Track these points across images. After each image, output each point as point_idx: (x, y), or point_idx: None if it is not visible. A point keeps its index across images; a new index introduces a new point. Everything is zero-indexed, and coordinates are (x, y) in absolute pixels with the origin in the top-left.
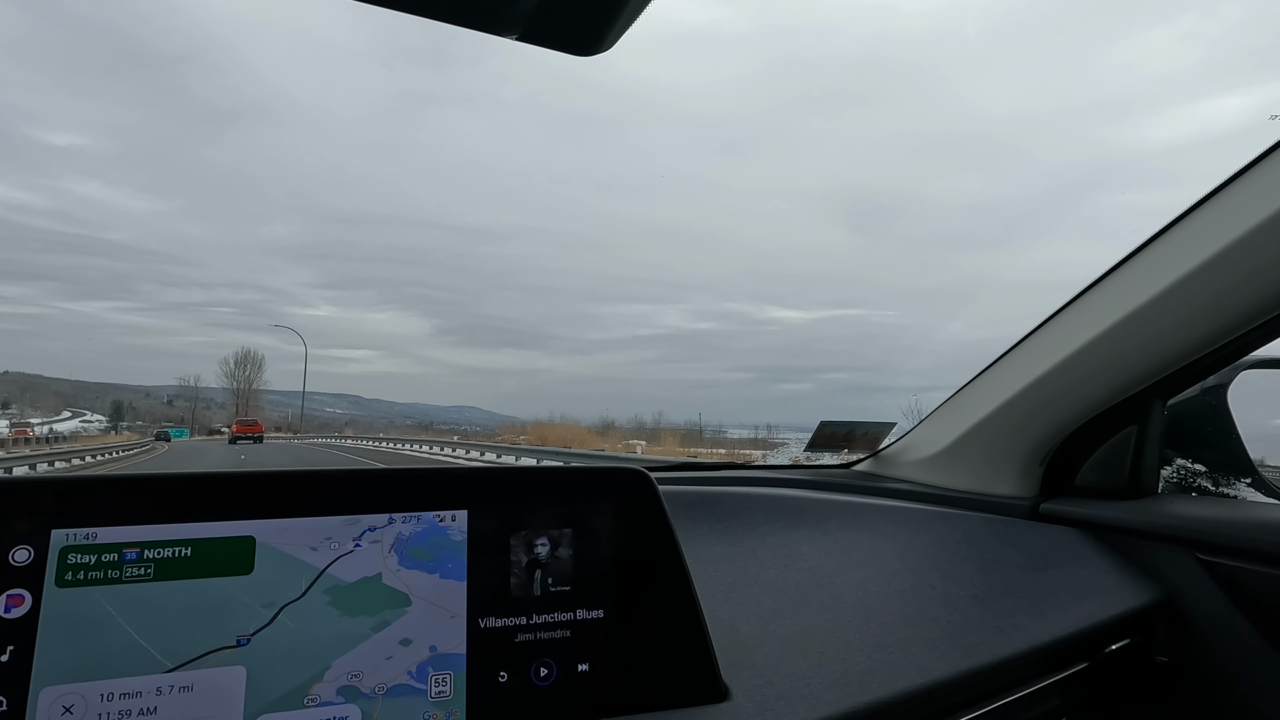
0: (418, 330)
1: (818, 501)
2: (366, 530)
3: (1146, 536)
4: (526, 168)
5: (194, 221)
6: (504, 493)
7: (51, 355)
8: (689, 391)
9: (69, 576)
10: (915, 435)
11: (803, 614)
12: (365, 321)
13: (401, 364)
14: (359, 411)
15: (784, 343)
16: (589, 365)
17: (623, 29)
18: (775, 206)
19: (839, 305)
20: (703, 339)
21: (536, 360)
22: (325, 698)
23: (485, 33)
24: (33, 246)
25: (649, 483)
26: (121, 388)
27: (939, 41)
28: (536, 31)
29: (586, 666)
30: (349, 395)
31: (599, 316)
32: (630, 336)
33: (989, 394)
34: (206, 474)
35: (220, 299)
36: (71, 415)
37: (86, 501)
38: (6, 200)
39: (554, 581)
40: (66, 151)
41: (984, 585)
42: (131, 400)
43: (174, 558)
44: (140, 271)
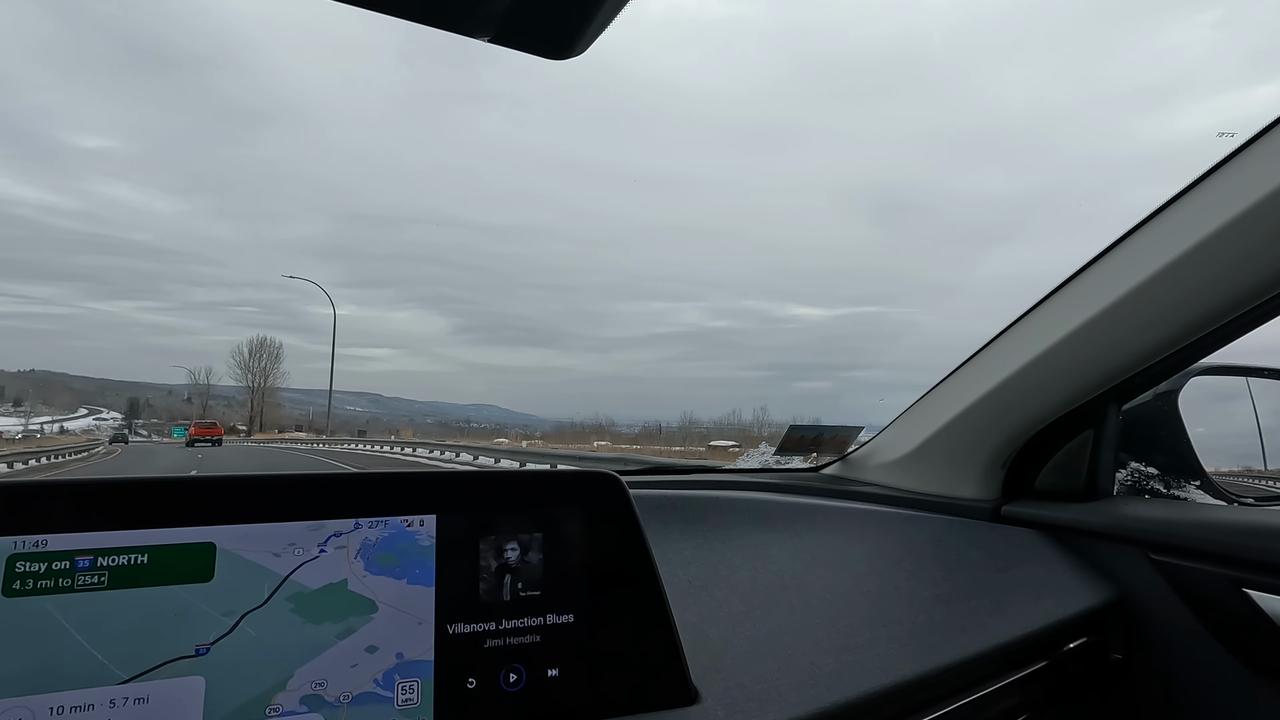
0: (437, 329)
1: (786, 505)
2: (332, 535)
3: (1102, 537)
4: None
5: (218, 221)
6: (473, 496)
7: (80, 354)
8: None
9: (17, 585)
10: (882, 439)
11: (771, 616)
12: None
13: (421, 362)
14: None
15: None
16: (607, 363)
17: (596, 33)
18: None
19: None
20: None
21: (554, 359)
22: (288, 707)
23: (457, 34)
24: (62, 248)
25: (620, 486)
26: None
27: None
28: (509, 34)
29: (556, 672)
30: (369, 394)
31: (617, 314)
32: (648, 334)
33: (953, 399)
34: (164, 478)
35: (244, 298)
36: (88, 413)
37: (36, 507)
38: (37, 202)
39: (524, 586)
40: (95, 153)
41: (948, 586)
42: (150, 398)
43: (130, 565)
44: (166, 271)
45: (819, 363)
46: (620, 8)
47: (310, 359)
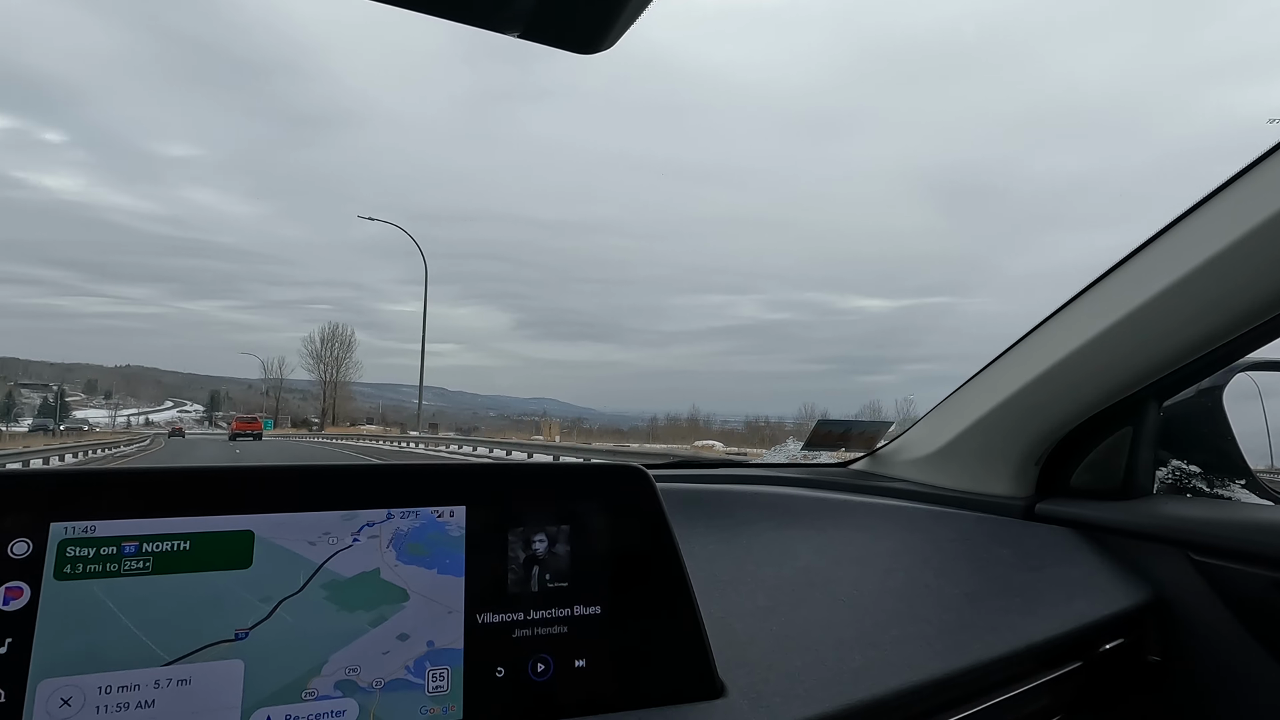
0: (498, 324)
1: (813, 500)
2: (365, 525)
3: (1140, 537)
4: (604, 159)
5: (292, 223)
6: (502, 489)
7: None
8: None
9: (68, 569)
10: (911, 435)
11: (797, 612)
12: (448, 316)
13: (482, 357)
14: (444, 403)
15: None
16: (663, 358)
17: (624, 27)
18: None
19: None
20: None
21: (612, 353)
22: (323, 692)
23: (487, 30)
24: (154, 251)
25: (647, 480)
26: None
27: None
28: (537, 29)
29: (583, 662)
30: (434, 388)
31: (673, 308)
32: (705, 328)
33: (985, 394)
34: (206, 468)
35: (316, 296)
36: (173, 405)
37: (86, 495)
38: (132, 209)
39: (551, 578)
40: (181, 161)
41: (978, 584)
42: (229, 391)
43: (173, 551)
44: (246, 272)
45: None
46: (647, 3)
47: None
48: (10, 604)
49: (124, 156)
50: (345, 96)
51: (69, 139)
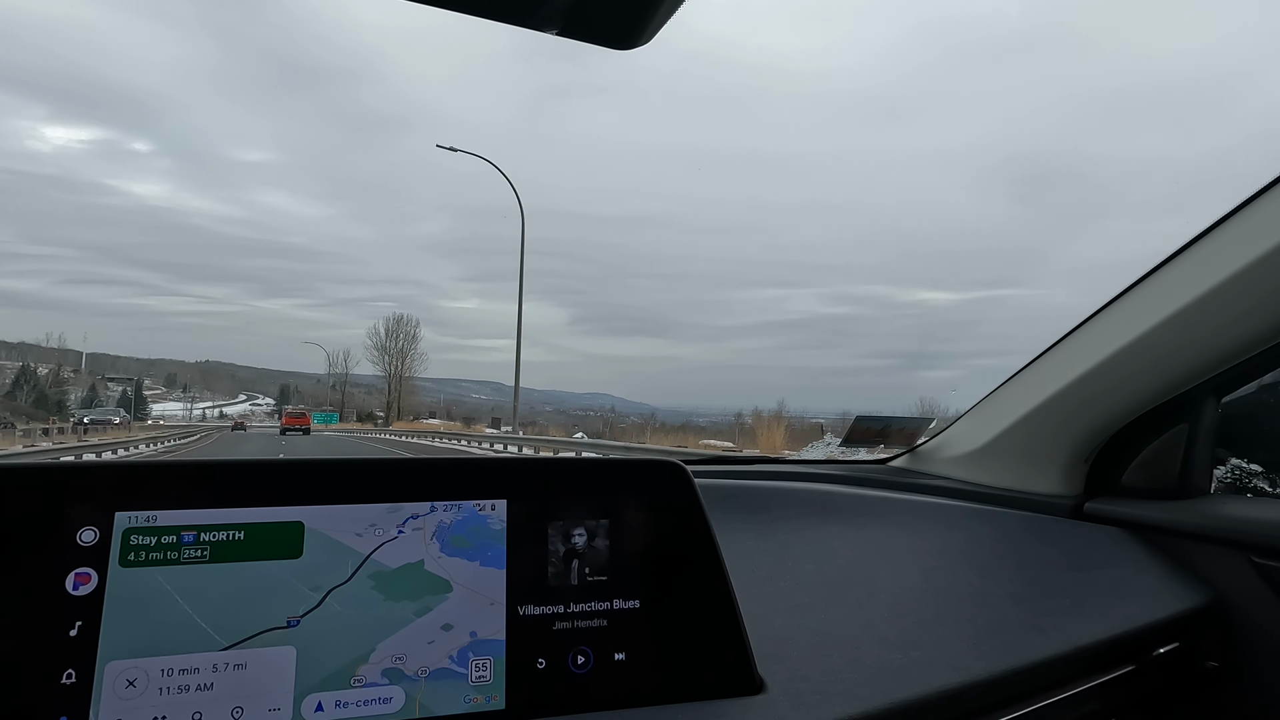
0: (554, 319)
1: (852, 497)
2: (409, 518)
3: (1197, 538)
4: (661, 153)
5: (358, 224)
6: (542, 483)
7: (244, 346)
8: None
9: (131, 557)
10: (953, 431)
11: (836, 609)
12: (506, 313)
13: (538, 352)
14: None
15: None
16: (718, 352)
17: (661, 21)
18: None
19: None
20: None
21: (666, 348)
22: (371, 679)
23: (526, 28)
24: (231, 252)
25: (685, 475)
26: (296, 375)
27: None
28: (575, 26)
29: (623, 656)
30: (492, 382)
31: (729, 302)
32: (761, 323)
33: (1032, 389)
34: (258, 461)
35: (380, 294)
36: (245, 399)
37: (148, 486)
38: (210, 213)
39: (591, 571)
40: (256, 166)
41: (1023, 584)
42: (298, 384)
43: (228, 541)
44: (315, 271)
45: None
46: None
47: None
48: (80, 589)
49: (204, 163)
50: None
51: (155, 148)
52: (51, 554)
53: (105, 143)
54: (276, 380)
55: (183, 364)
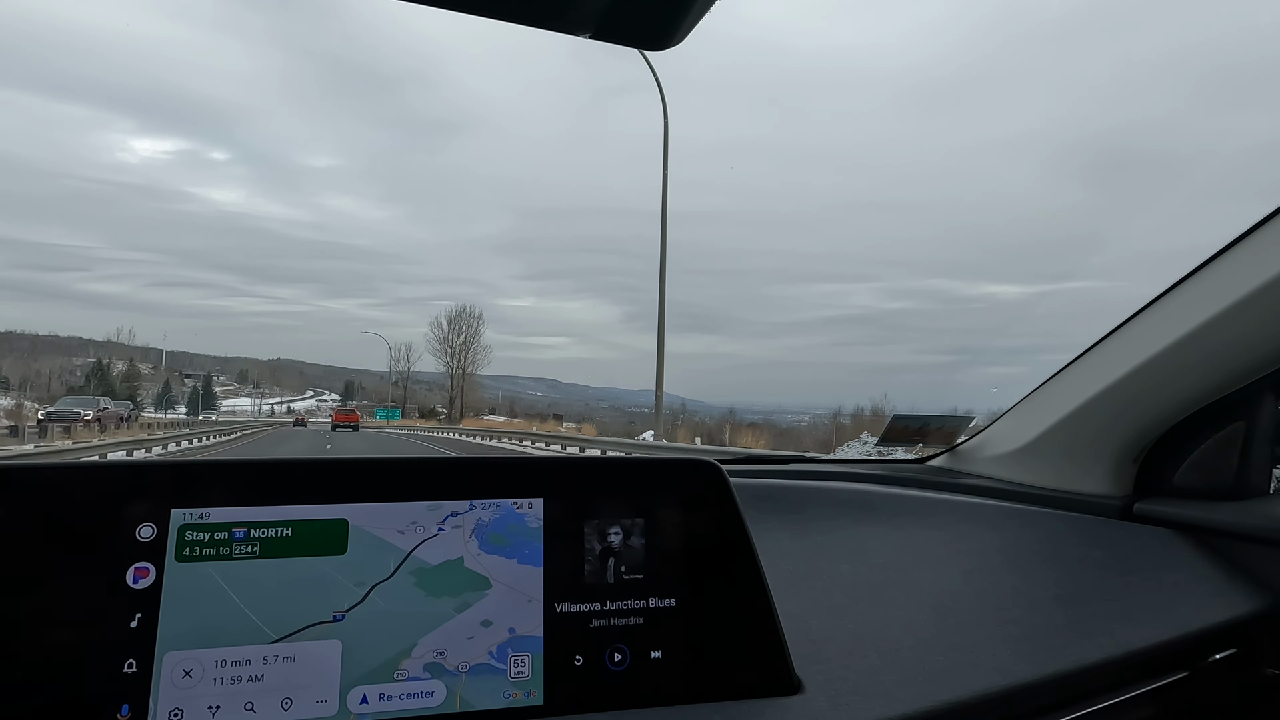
0: (608, 316)
1: (889, 496)
2: (449, 515)
3: (1256, 540)
4: (715, 147)
5: (419, 225)
6: (578, 482)
7: (312, 345)
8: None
9: (186, 552)
10: (995, 430)
11: (875, 610)
12: (561, 310)
13: (592, 349)
14: (557, 395)
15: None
16: (773, 349)
17: (693, 22)
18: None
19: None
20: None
21: (719, 345)
22: (413, 673)
23: (559, 33)
24: (301, 254)
25: (720, 474)
26: (361, 372)
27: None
28: (608, 29)
29: (660, 654)
30: (548, 379)
31: (784, 298)
32: (817, 318)
33: (1079, 386)
34: (305, 460)
35: (441, 293)
36: (313, 394)
37: (201, 484)
38: (282, 217)
39: (627, 569)
40: (323, 171)
41: (1069, 587)
42: (363, 381)
43: (277, 537)
44: (378, 271)
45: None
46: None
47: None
48: (139, 582)
49: (276, 169)
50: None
51: (231, 157)
52: (113, 549)
53: (187, 153)
54: (341, 377)
55: (255, 361)
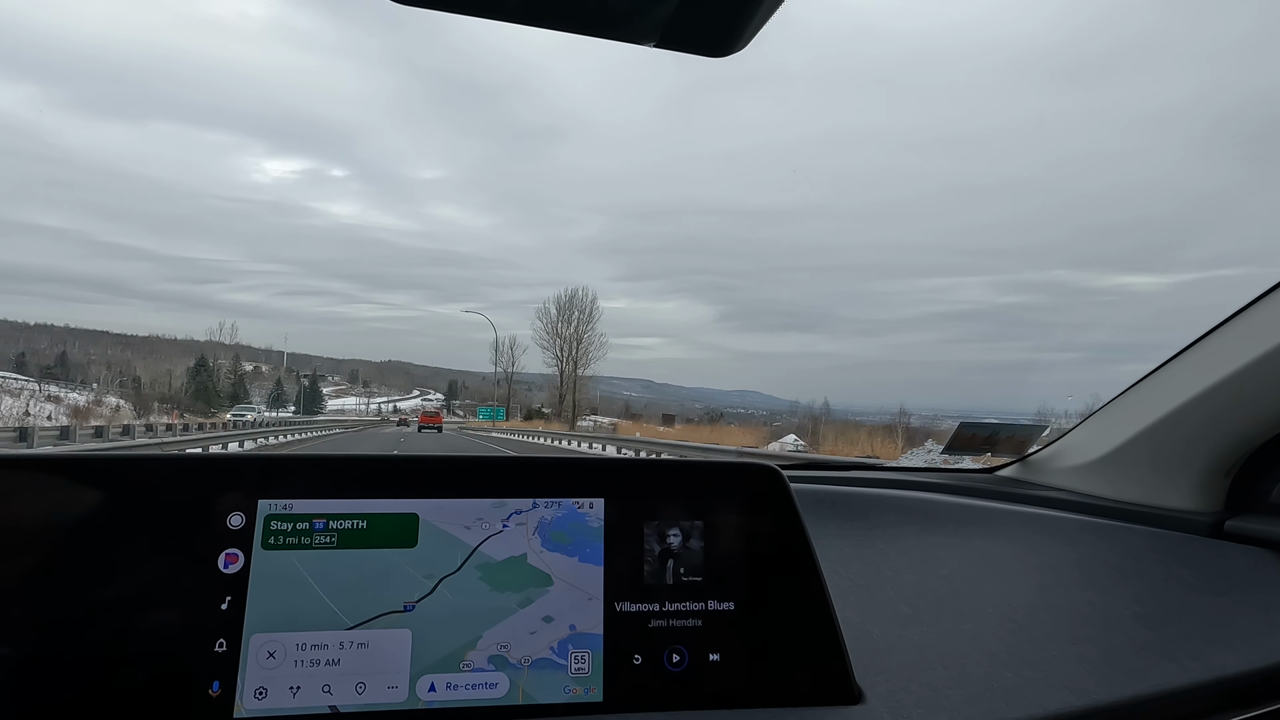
0: (702, 316)
1: (956, 506)
2: (513, 513)
3: None
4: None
5: (518, 231)
6: (638, 483)
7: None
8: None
9: (272, 540)
10: (1072, 439)
11: (941, 622)
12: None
13: (685, 350)
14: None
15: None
16: (875, 348)
17: (757, 27)
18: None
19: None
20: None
21: (818, 344)
22: (478, 664)
23: (624, 42)
24: (411, 262)
25: (780, 479)
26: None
27: None
28: (672, 38)
29: (718, 657)
30: (642, 380)
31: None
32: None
33: (1166, 393)
34: (380, 457)
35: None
36: (419, 394)
37: (286, 477)
38: (394, 228)
39: (685, 571)
40: (431, 183)
41: (1151, 606)
42: (465, 381)
43: (353, 529)
44: (481, 277)
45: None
46: (779, 4)
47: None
48: (229, 568)
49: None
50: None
51: (349, 173)
52: (207, 536)
53: (311, 171)
54: (446, 377)
55: (367, 363)
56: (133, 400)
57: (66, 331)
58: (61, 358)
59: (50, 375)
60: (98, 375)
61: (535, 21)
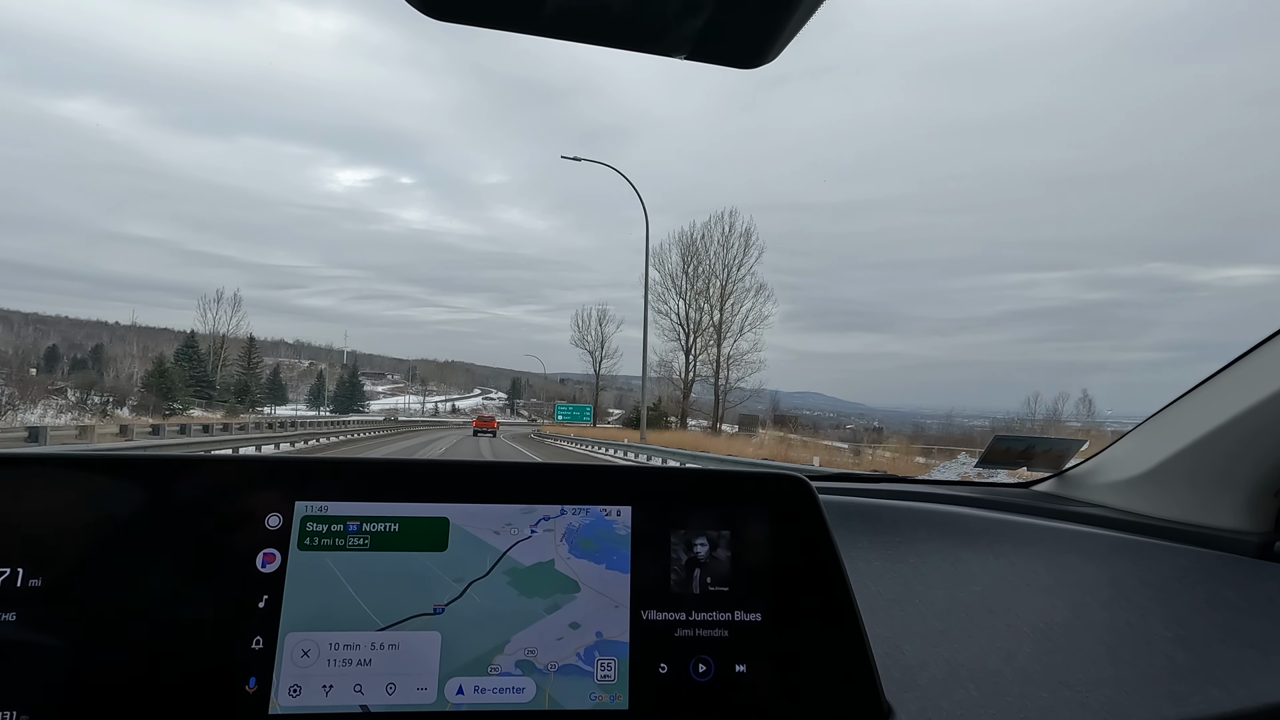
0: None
1: (990, 521)
2: (541, 519)
3: None
4: (890, 130)
5: (580, 233)
6: (666, 492)
7: (485, 350)
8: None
9: (308, 541)
10: (1112, 454)
11: (974, 639)
12: None
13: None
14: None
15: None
16: (947, 348)
17: (786, 40)
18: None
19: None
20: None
21: (886, 344)
22: (505, 669)
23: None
24: (475, 265)
25: (808, 489)
26: (528, 374)
27: None
28: (702, 50)
29: (744, 668)
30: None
31: (963, 292)
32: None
33: (1214, 407)
34: (412, 461)
35: (601, 297)
36: (479, 393)
37: (321, 479)
38: (460, 232)
39: (712, 581)
40: (495, 187)
41: (1196, 629)
42: (529, 379)
43: (385, 532)
44: (544, 279)
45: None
46: (810, 15)
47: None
48: (267, 567)
49: (454, 189)
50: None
51: (417, 180)
52: (247, 535)
53: (382, 179)
54: (507, 377)
55: (429, 362)
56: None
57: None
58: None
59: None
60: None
61: (568, 36)
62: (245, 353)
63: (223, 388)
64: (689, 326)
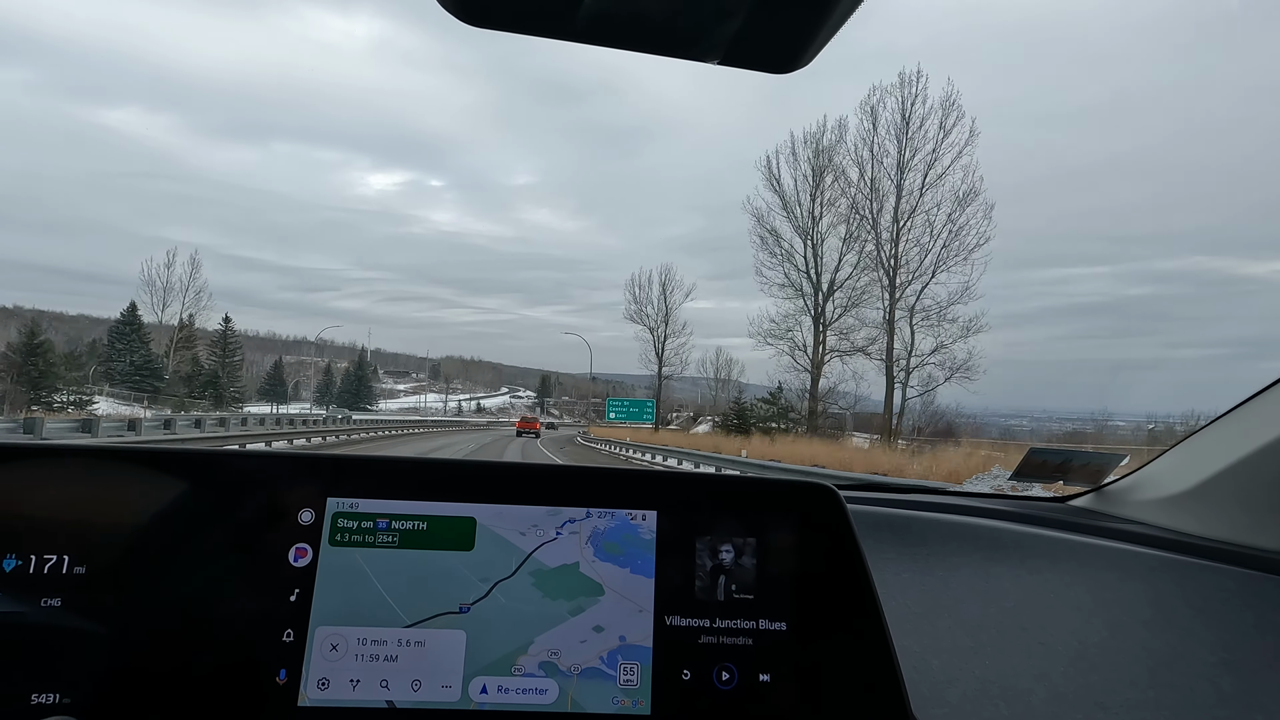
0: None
1: (1025, 535)
2: (567, 521)
3: None
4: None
5: (609, 233)
6: (692, 497)
7: (514, 350)
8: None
9: (339, 537)
10: (1154, 469)
11: (1005, 656)
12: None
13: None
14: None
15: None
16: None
17: (820, 45)
18: None
19: None
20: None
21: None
22: (528, 669)
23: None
24: (505, 267)
25: (837, 500)
26: (554, 373)
27: None
28: (735, 56)
29: (768, 677)
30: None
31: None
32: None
33: (1262, 424)
34: (441, 460)
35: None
36: (506, 391)
37: (352, 476)
38: (489, 234)
39: (737, 588)
40: (523, 188)
41: (1240, 653)
42: (559, 378)
43: (414, 530)
44: (572, 279)
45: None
46: (843, 22)
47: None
48: (298, 561)
49: (483, 191)
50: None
51: (446, 183)
52: (280, 530)
53: (412, 182)
54: (535, 376)
55: (454, 359)
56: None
57: None
58: None
59: None
60: None
61: (602, 41)
62: (220, 338)
63: (174, 378)
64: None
